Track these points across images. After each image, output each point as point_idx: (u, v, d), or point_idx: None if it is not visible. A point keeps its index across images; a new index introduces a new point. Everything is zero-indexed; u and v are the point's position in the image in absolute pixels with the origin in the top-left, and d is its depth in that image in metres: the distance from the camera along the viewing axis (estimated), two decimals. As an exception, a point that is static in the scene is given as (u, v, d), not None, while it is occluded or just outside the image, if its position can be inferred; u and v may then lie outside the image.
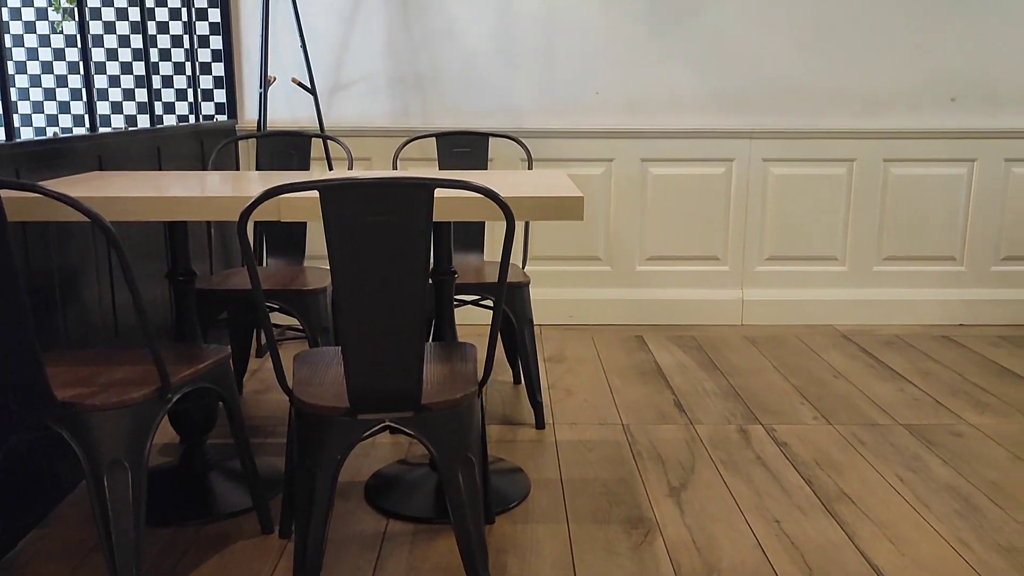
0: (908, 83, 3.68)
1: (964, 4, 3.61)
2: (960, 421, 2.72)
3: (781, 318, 3.83)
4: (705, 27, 3.64)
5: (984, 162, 3.72)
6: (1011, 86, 3.67)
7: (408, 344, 1.54)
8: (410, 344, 1.54)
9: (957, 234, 3.79)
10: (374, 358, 1.55)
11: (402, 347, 1.54)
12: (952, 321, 3.84)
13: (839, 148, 3.71)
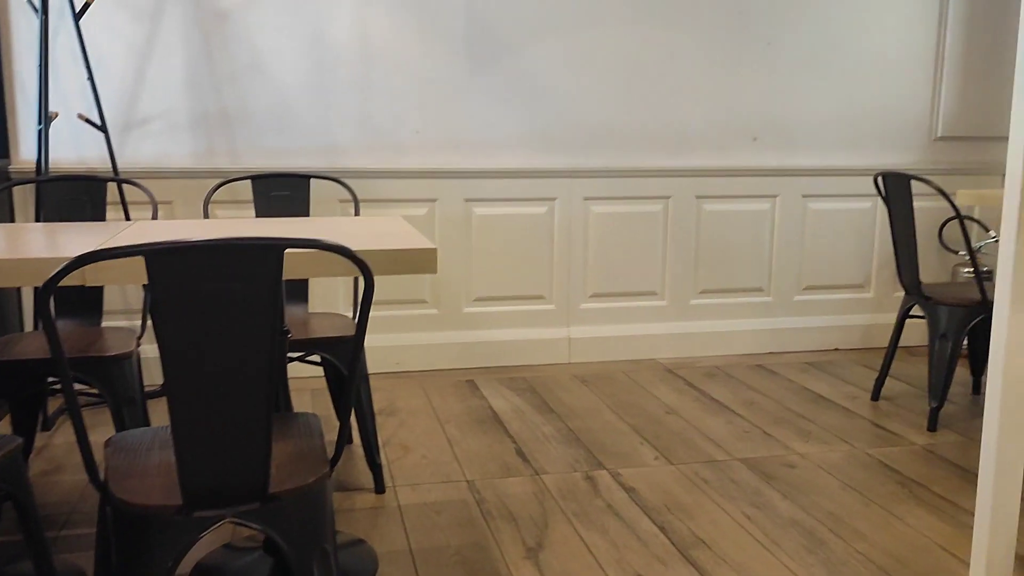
0: (715, 123, 3.84)
1: (763, 51, 3.82)
2: (790, 451, 2.81)
3: (607, 354, 3.86)
4: (523, 67, 3.63)
5: (784, 198, 3.95)
6: (806, 127, 3.92)
7: (253, 426, 1.33)
8: (256, 426, 1.33)
9: (764, 266, 3.98)
10: (213, 444, 1.33)
11: (246, 430, 1.33)
12: (763, 350, 4.02)
13: (655, 186, 3.81)
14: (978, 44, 4.02)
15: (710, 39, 3.77)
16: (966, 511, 2.37)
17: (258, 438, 1.34)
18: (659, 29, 3.72)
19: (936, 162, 4.08)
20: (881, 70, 3.96)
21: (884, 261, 4.08)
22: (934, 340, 3.03)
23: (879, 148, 4.02)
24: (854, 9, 3.88)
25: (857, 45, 3.92)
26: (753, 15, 3.80)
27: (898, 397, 3.37)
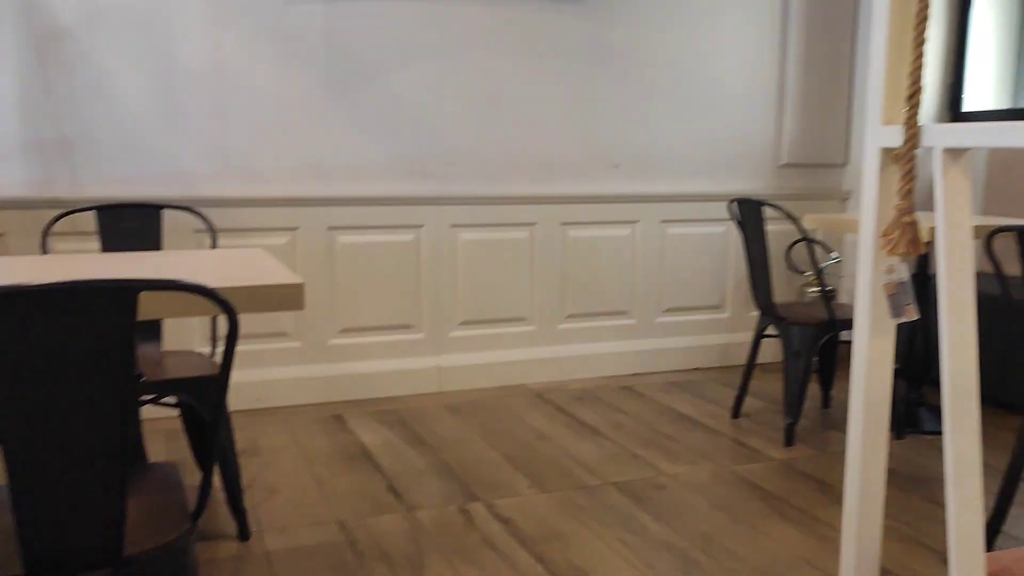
0: (579, 151, 3.91)
1: (621, 81, 3.93)
2: (659, 473, 2.86)
3: (477, 382, 3.83)
4: (387, 92, 3.58)
5: (644, 223, 4.06)
6: (663, 155, 4.05)
7: (104, 482, 1.22)
8: (107, 482, 1.22)
9: (627, 290, 4.07)
10: (58, 504, 1.20)
11: (97, 487, 1.22)
12: (629, 371, 4.10)
13: (521, 213, 3.83)
14: (815, 79, 4.28)
15: (571, 69, 3.85)
16: (825, 523, 2.47)
17: (110, 495, 1.23)
18: (522, 58, 3.77)
19: (781, 188, 4.30)
20: (731, 101, 4.15)
21: (739, 282, 4.26)
22: (788, 358, 3.17)
23: (731, 175, 4.21)
24: (705, 44, 4.06)
25: (709, 77, 4.09)
26: (611, 47, 3.90)
27: (756, 414, 3.50)
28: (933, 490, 2.72)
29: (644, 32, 3.95)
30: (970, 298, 1.21)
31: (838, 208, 4.45)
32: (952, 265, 1.18)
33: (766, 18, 4.16)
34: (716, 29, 4.07)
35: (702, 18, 4.04)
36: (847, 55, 4.34)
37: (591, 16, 3.85)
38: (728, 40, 4.10)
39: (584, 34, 3.85)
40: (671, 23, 3.99)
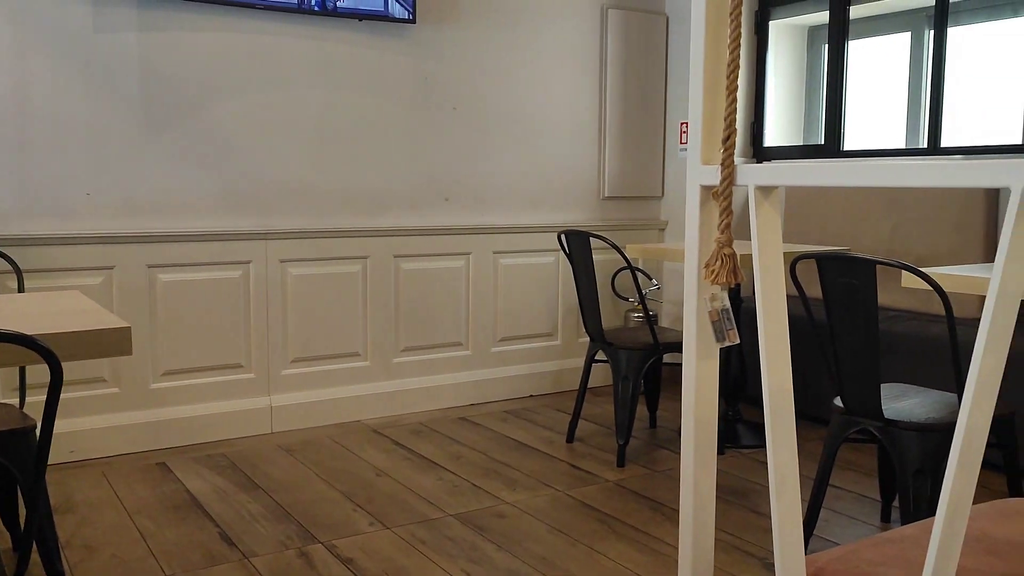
0: (410, 184, 3.93)
1: (450, 116, 3.99)
2: (499, 501, 2.89)
3: (312, 420, 3.74)
4: (209, 126, 3.47)
5: (477, 255, 4.12)
6: (493, 188, 4.15)
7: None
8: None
9: (461, 321, 4.12)
10: None
11: None
12: (466, 402, 4.13)
13: (353, 246, 3.80)
14: (632, 118, 4.53)
15: (400, 104, 3.87)
16: (658, 539, 2.59)
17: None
18: (353, 94, 3.76)
19: (605, 219, 4.50)
20: (557, 138, 4.31)
21: (569, 310, 4.40)
22: (617, 382, 3.31)
23: (559, 207, 4.36)
24: (529, 81, 4.20)
25: (535, 115, 4.23)
26: (438, 83, 3.96)
27: (590, 437, 3.62)
28: (753, 500, 2.91)
29: (472, 69, 4.04)
30: (784, 320, 1.32)
31: (657, 238, 4.70)
32: (768, 290, 1.29)
33: (586, 61, 4.37)
34: (541, 68, 4.23)
35: (527, 58, 4.18)
36: (660, 97, 4.61)
37: (419, 52, 3.90)
38: (552, 79, 4.27)
39: (413, 69, 3.89)
40: (498, 62, 4.10)
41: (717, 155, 1.32)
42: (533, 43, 4.20)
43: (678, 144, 4.59)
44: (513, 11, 4.13)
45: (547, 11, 4.22)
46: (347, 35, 3.73)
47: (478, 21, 4.04)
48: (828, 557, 1.38)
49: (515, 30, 4.14)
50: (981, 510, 1.53)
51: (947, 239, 3.62)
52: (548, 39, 4.24)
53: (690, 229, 1.37)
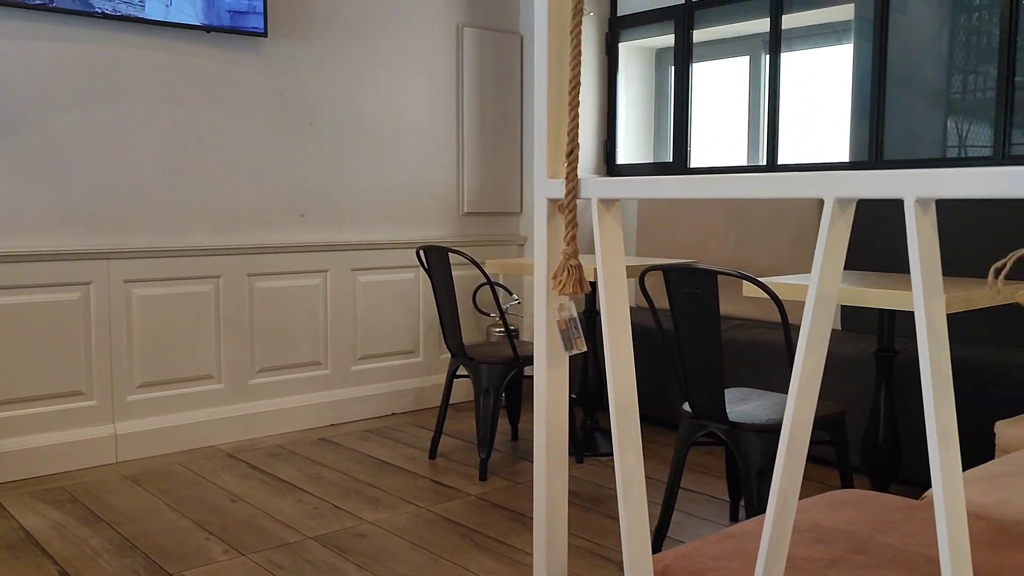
0: (264, 200, 3.83)
1: (306, 131, 3.92)
2: (361, 521, 2.85)
3: (161, 447, 3.57)
4: (45, 140, 3.27)
5: (335, 272, 4.06)
6: (351, 204, 4.10)
7: None
8: None
9: (320, 340, 4.04)
10: None
11: None
12: (325, 422, 4.05)
13: (204, 265, 3.66)
14: (489, 135, 4.59)
15: (255, 118, 3.78)
16: (520, 550, 2.61)
17: None
18: (202, 107, 3.63)
19: (465, 235, 4.53)
20: (415, 154, 4.31)
21: (430, 327, 4.40)
22: (479, 396, 3.33)
23: (418, 223, 4.36)
24: (386, 97, 4.19)
25: (392, 129, 4.22)
26: (294, 97, 3.89)
27: (452, 452, 3.62)
28: (610, 507, 2.98)
29: (329, 84, 3.99)
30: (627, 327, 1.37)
31: (517, 253, 4.77)
32: (611, 300, 1.34)
33: (443, 78, 4.40)
34: (398, 85, 4.22)
35: (384, 75, 4.17)
36: (517, 114, 4.70)
37: (273, 66, 3.82)
38: (410, 96, 4.27)
39: (267, 84, 3.81)
40: (354, 78, 4.07)
41: (562, 169, 1.36)
42: (390, 60, 4.19)
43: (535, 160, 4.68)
44: (369, 27, 4.11)
45: (403, 28, 4.23)
46: (196, 48, 3.61)
47: (334, 37, 4.00)
48: (674, 555, 1.43)
49: (372, 47, 4.12)
50: (813, 502, 1.63)
51: (786, 250, 3.85)
52: (405, 56, 4.24)
53: (538, 241, 1.41)
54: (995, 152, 3.33)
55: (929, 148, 3.60)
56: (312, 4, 3.92)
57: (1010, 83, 3.27)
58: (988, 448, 2.60)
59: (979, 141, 3.47)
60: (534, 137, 1.42)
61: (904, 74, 3.61)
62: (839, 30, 3.99)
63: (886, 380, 2.74)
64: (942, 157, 3.55)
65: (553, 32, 1.35)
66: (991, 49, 3.38)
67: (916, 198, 0.94)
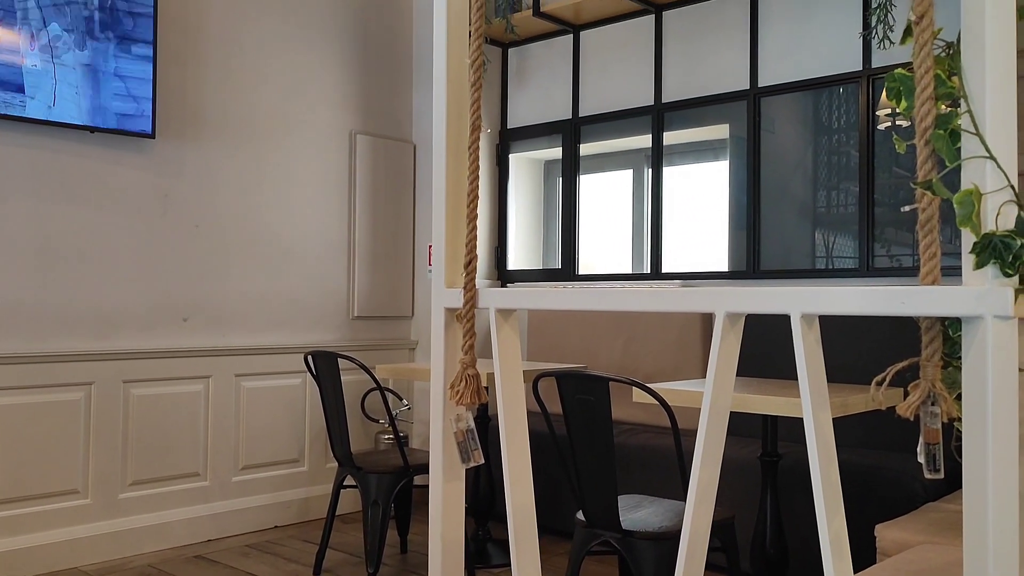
0: (144, 304, 3.69)
1: (192, 233, 3.83)
2: (239, 646, 2.66)
3: (17, 571, 3.27)
4: (-97, 237, 3.08)
5: (218, 378, 3.91)
6: (237, 308, 3.99)
7: None
8: None
9: (200, 450, 3.85)
10: None
11: None
12: (202, 538, 3.82)
13: (75, 371, 3.47)
14: (382, 239, 4.60)
15: (137, 220, 3.67)
16: (410, 671, 2.49)
17: None
18: (82, 208, 3.51)
19: (355, 339, 4.47)
20: (305, 256, 4.27)
21: (316, 434, 4.26)
22: (367, 507, 3.22)
23: (307, 327, 4.27)
24: (276, 201, 4.15)
25: (282, 232, 4.17)
26: (179, 199, 3.81)
27: (338, 568, 3.47)
28: (504, 621, 2.89)
29: (217, 187, 3.93)
30: (525, 437, 1.36)
31: (407, 357, 4.72)
32: (509, 409, 1.33)
33: (335, 183, 4.41)
34: (289, 189, 4.20)
35: (275, 178, 4.15)
36: (409, 219, 4.74)
37: (160, 168, 3.74)
38: (301, 199, 4.25)
39: (152, 185, 3.72)
40: (244, 181, 4.03)
41: (460, 279, 1.37)
42: (281, 164, 4.18)
43: (427, 265, 4.71)
44: (261, 131, 4.10)
45: (296, 133, 4.24)
46: (77, 147, 3.50)
47: (224, 139, 3.97)
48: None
49: (263, 150, 4.11)
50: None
51: (672, 355, 3.95)
52: (297, 160, 4.24)
53: (435, 351, 1.40)
54: (860, 264, 3.56)
55: (800, 258, 3.81)
56: (204, 106, 3.90)
57: (870, 200, 3.53)
58: (868, 550, 2.67)
59: (845, 252, 3.70)
60: (432, 247, 1.43)
61: (776, 189, 3.85)
62: (716, 147, 4.24)
63: (771, 484, 2.81)
64: (812, 268, 3.76)
65: (451, 147, 1.38)
66: (851, 168, 3.66)
67: (801, 314, 0.99)
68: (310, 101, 4.30)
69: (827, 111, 3.77)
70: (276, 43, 4.17)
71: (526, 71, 4.72)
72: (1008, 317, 0.85)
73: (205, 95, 3.90)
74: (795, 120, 3.86)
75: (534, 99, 4.68)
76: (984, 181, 0.87)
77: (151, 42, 3.60)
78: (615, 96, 4.35)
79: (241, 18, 4.03)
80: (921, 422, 0.93)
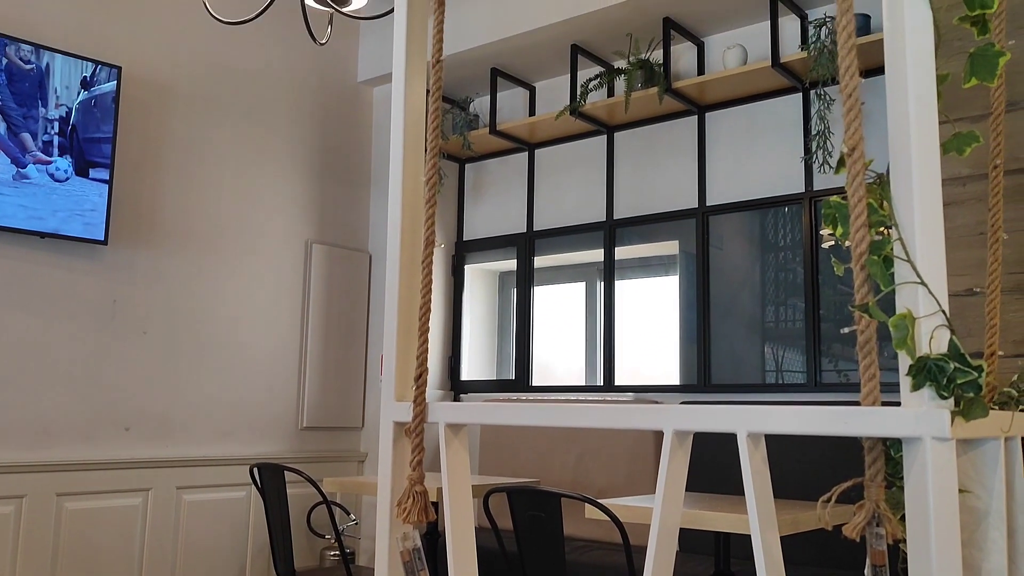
0: (83, 413, 3.58)
1: (139, 340, 3.76)
2: None
3: None
4: None
5: (158, 490, 3.77)
6: (181, 417, 3.89)
7: None
8: None
9: (135, 565, 3.67)
10: None
11: None
12: (131, 664, 3.60)
13: (5, 484, 3.32)
14: (333, 349, 4.56)
15: (82, 326, 3.60)
16: None
17: None
18: (19, 312, 3.44)
19: (303, 450, 4.37)
20: (254, 365, 4.20)
21: (259, 550, 4.10)
22: (310, 629, 3.07)
23: (253, 438, 4.17)
24: (227, 308, 4.12)
25: (231, 341, 4.12)
26: (128, 305, 3.76)
27: None
28: None
29: (168, 293, 3.89)
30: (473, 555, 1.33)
31: (356, 470, 4.62)
32: (457, 527, 1.30)
33: (289, 291, 4.39)
34: (241, 296, 4.17)
35: (227, 285, 4.12)
36: (362, 328, 4.72)
37: (110, 273, 3.70)
38: (253, 307, 4.22)
39: (101, 290, 3.67)
40: (195, 288, 4.00)
41: (410, 392, 1.36)
42: (234, 271, 4.17)
43: (379, 375, 4.66)
44: (216, 237, 4.10)
45: (251, 240, 4.25)
46: (24, 252, 3.46)
47: (177, 246, 3.95)
48: None
49: (217, 256, 4.10)
50: None
51: (624, 469, 3.92)
52: (250, 268, 4.24)
53: (383, 466, 1.37)
54: (808, 379, 3.62)
55: (750, 372, 3.86)
56: (157, 213, 3.90)
57: (816, 316, 3.62)
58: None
59: (793, 366, 3.76)
60: (383, 360, 1.42)
61: (725, 304, 3.93)
62: (667, 263, 4.33)
63: (725, 603, 2.76)
64: (762, 383, 3.81)
65: (405, 262, 1.40)
66: (797, 285, 3.76)
67: (747, 432, 1.00)
68: (267, 209, 4.33)
69: (773, 229, 3.90)
70: (236, 152, 4.22)
71: (482, 185, 4.83)
72: (946, 439, 0.87)
73: (161, 201, 3.91)
74: (742, 237, 3.98)
75: (490, 212, 4.77)
76: (917, 306, 0.90)
77: (108, 166, 3.60)
78: (568, 211, 4.46)
79: (202, 127, 4.09)
80: (867, 543, 0.93)
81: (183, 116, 4.03)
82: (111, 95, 3.63)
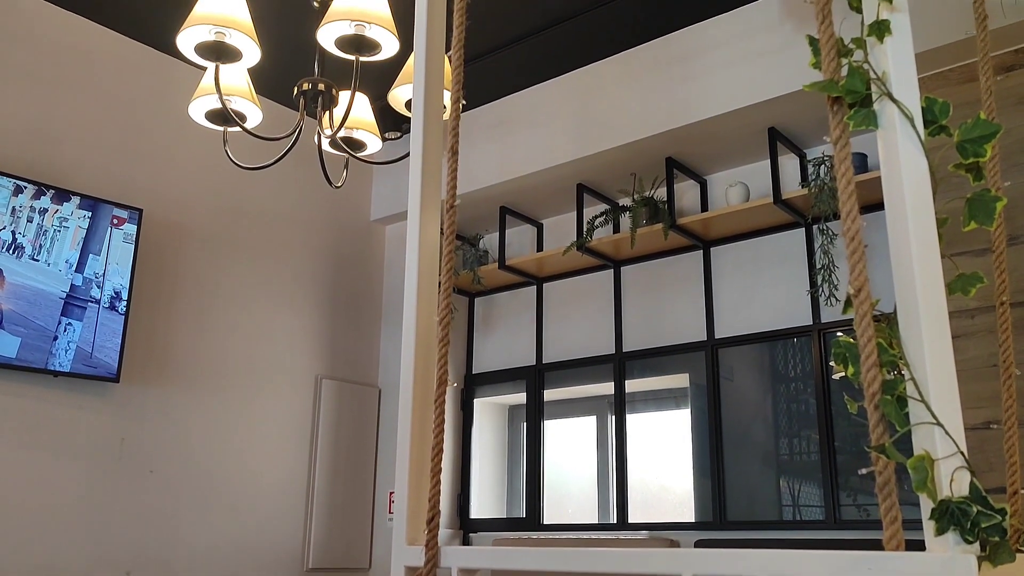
0: (84, 556, 3.49)
1: (145, 479, 3.71)
2: None
3: None
4: None
5: (156, 638, 3.63)
6: (185, 559, 3.79)
7: None
8: None
9: None
10: None
11: None
12: None
13: (1, 631, 3.21)
14: (341, 488, 4.49)
15: (88, 464, 3.56)
16: None
17: None
18: (26, 450, 3.41)
19: (308, 594, 4.22)
20: (261, 504, 4.13)
21: None
22: None
23: (256, 581, 4.04)
24: (236, 446, 4.08)
25: (239, 479, 4.06)
26: (137, 444, 3.73)
27: None
28: None
29: (177, 431, 3.87)
30: None
31: (362, 614, 4.45)
32: None
33: (298, 428, 4.36)
34: (250, 434, 4.14)
35: (236, 423, 4.10)
36: (370, 466, 4.65)
37: (120, 411, 3.69)
38: (261, 445, 4.18)
39: (110, 428, 3.65)
40: (204, 426, 3.98)
41: (422, 535, 1.34)
42: (244, 408, 4.15)
43: (387, 514, 4.57)
44: (226, 375, 4.11)
45: (261, 377, 4.26)
46: (36, 390, 3.47)
47: (187, 383, 3.96)
48: None
49: (227, 394, 4.10)
50: None
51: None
52: (260, 405, 4.22)
53: (393, 614, 1.33)
54: (827, 515, 3.52)
55: (766, 508, 3.76)
56: (171, 350, 3.92)
57: (831, 449, 3.56)
58: None
59: (811, 501, 3.67)
60: (394, 502, 1.40)
61: (738, 436, 3.88)
62: (677, 395, 4.31)
63: None
64: (779, 520, 3.70)
65: (417, 401, 1.40)
66: (811, 416, 3.71)
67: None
68: (278, 346, 4.36)
69: (783, 361, 3.90)
70: (249, 289, 4.29)
71: (491, 319, 4.87)
72: (975, 586, 0.84)
73: (174, 339, 3.95)
74: (752, 369, 3.97)
75: (499, 346, 4.79)
76: (934, 446, 0.89)
77: (124, 313, 3.65)
78: (577, 344, 4.47)
79: (216, 265, 4.17)
80: None
81: (198, 255, 4.12)
82: (131, 236, 3.73)
